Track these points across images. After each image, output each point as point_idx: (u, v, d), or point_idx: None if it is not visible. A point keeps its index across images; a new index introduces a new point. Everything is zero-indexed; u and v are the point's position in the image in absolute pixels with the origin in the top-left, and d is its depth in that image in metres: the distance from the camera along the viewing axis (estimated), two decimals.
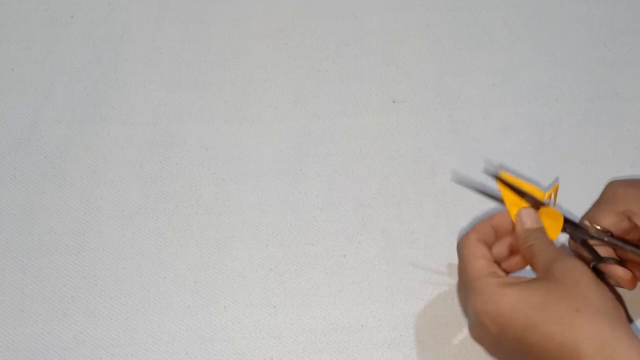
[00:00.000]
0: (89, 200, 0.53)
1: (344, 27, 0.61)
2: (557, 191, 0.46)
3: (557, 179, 0.55)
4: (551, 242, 0.43)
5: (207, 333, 0.50)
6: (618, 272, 0.45)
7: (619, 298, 0.42)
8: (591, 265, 0.45)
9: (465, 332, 0.50)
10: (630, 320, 0.50)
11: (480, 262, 0.42)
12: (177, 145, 0.56)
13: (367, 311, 0.51)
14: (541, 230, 0.44)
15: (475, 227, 0.45)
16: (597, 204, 0.47)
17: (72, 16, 0.61)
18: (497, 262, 0.44)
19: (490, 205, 0.54)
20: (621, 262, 0.46)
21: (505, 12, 0.62)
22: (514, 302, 0.38)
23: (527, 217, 0.44)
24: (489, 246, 0.45)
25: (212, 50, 0.60)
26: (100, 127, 0.56)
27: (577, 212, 0.54)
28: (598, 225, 0.46)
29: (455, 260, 0.46)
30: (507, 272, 0.43)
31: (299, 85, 0.59)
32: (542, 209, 0.45)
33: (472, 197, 0.54)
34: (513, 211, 0.45)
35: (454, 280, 0.51)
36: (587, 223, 0.46)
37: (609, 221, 0.45)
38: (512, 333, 0.39)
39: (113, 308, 0.50)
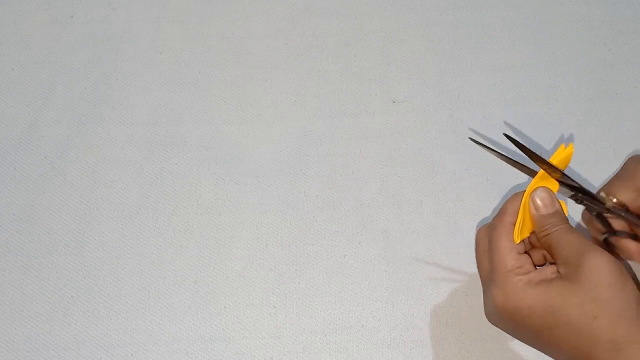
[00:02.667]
0: (89, 200, 0.53)
1: (344, 27, 0.61)
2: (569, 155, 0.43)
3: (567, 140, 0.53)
4: (571, 230, 0.40)
5: (207, 333, 0.50)
6: (631, 246, 0.44)
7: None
8: (603, 238, 0.45)
9: (465, 332, 0.50)
10: None
11: (511, 254, 0.40)
12: (177, 145, 0.56)
13: (367, 311, 0.51)
14: (559, 215, 0.41)
15: (508, 209, 0.42)
16: (617, 178, 0.45)
17: (72, 16, 0.61)
18: (528, 252, 0.42)
19: (494, 203, 0.54)
20: (634, 237, 0.45)
21: (505, 12, 0.62)
22: (533, 304, 0.38)
23: (542, 201, 0.41)
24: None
25: (212, 50, 0.60)
26: (100, 127, 0.56)
27: (576, 211, 0.54)
28: (615, 198, 0.44)
29: (455, 261, 0.46)
30: (536, 264, 0.42)
31: (299, 85, 0.59)
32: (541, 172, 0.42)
33: (472, 197, 0.54)
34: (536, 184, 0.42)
35: (454, 280, 0.51)
36: (603, 195, 0.44)
37: (627, 196, 0.43)
38: (527, 330, 0.39)
39: (113, 308, 0.50)
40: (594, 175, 0.55)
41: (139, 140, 0.56)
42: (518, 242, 0.41)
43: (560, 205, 0.42)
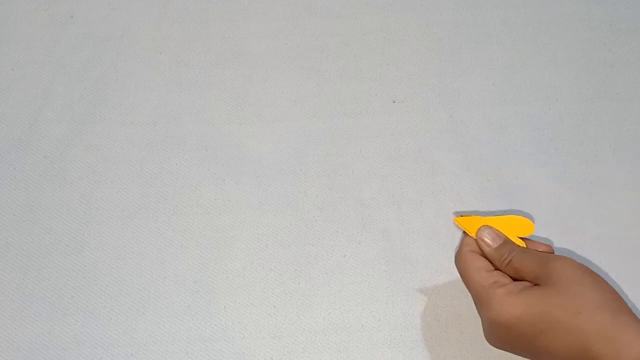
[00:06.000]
0: (88, 200, 0.53)
1: (344, 27, 0.61)
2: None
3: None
4: (527, 249, 0.44)
5: (207, 333, 0.50)
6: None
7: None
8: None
9: (465, 331, 0.50)
10: None
11: (481, 274, 0.43)
12: (177, 145, 0.56)
13: (367, 311, 0.51)
14: (509, 242, 0.45)
15: (464, 241, 0.46)
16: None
17: (72, 16, 0.61)
18: (497, 268, 0.44)
19: (494, 203, 0.54)
20: None
21: (505, 12, 0.62)
22: (521, 313, 0.39)
23: (489, 237, 0.45)
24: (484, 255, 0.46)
25: (212, 50, 0.60)
26: (100, 127, 0.56)
27: (576, 212, 0.54)
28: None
29: (453, 263, 0.46)
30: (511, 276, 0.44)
31: (299, 85, 0.59)
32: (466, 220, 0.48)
33: (472, 196, 0.54)
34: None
35: (454, 280, 0.51)
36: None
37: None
38: (523, 340, 0.40)
39: (113, 308, 0.50)
40: (594, 175, 0.55)
41: (139, 140, 0.56)
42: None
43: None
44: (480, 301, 0.42)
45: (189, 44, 0.60)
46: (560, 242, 0.53)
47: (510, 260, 0.43)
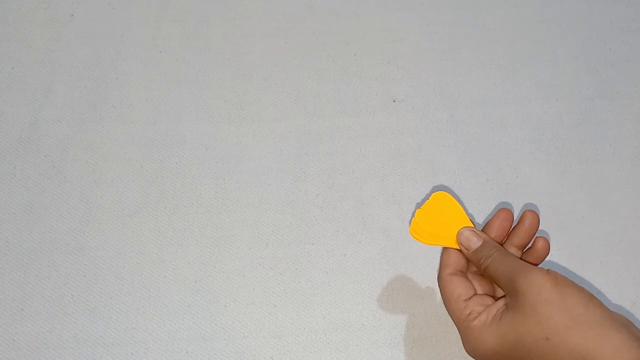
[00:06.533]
0: (89, 199, 0.53)
1: (344, 26, 0.61)
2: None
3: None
4: (504, 255, 0.41)
5: (208, 332, 0.50)
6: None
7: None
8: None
9: None
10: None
11: (458, 304, 0.41)
12: (177, 144, 0.56)
13: (367, 310, 0.51)
14: (489, 245, 0.42)
15: (443, 262, 0.44)
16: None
17: (72, 15, 0.61)
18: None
19: (494, 203, 0.54)
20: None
21: (505, 11, 0.62)
22: (494, 346, 0.38)
23: (468, 240, 0.43)
24: (465, 271, 0.44)
25: (212, 49, 0.60)
26: (100, 126, 0.56)
27: (576, 211, 0.54)
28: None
29: None
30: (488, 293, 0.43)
31: (299, 84, 0.59)
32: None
33: (472, 197, 0.54)
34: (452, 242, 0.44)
35: None
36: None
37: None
38: None
39: (113, 307, 0.50)
40: (595, 174, 0.55)
41: (139, 139, 0.56)
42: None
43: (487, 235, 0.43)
44: (459, 331, 0.42)
45: (189, 43, 0.60)
46: (560, 241, 0.53)
47: (486, 267, 0.41)
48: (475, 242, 0.43)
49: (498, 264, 0.41)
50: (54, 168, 0.54)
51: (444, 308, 0.50)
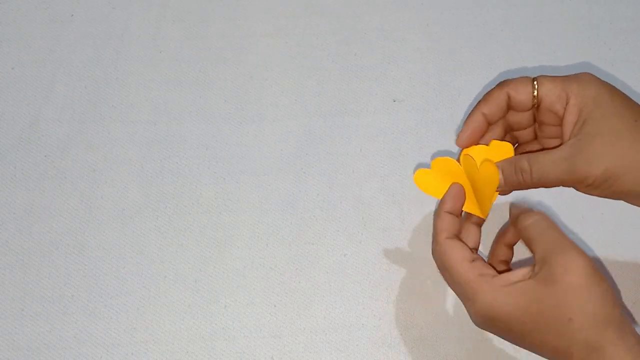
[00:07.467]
0: (89, 199, 0.53)
1: (345, 26, 0.61)
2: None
3: None
4: (549, 224, 0.40)
5: (208, 332, 0.50)
6: None
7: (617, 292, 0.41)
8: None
9: (466, 330, 0.50)
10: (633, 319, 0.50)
11: (464, 265, 0.40)
12: (177, 144, 0.56)
13: (367, 310, 0.51)
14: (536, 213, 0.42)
15: (438, 227, 0.43)
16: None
17: (72, 15, 0.61)
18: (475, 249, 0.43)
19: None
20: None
21: (505, 11, 0.62)
22: (511, 310, 0.38)
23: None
24: (460, 236, 0.43)
25: (213, 49, 0.60)
26: (100, 126, 0.56)
27: (576, 211, 0.54)
28: (538, 89, 0.44)
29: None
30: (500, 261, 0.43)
31: (299, 84, 0.59)
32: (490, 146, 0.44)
33: None
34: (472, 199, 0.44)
35: None
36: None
37: (549, 91, 0.43)
38: (511, 334, 0.40)
39: (113, 307, 0.50)
40: None
41: (139, 139, 0.56)
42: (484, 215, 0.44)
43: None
44: (465, 295, 0.40)
45: (189, 43, 0.60)
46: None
47: (526, 227, 0.40)
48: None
49: (541, 229, 0.40)
50: (54, 168, 0.54)
51: (445, 308, 0.50)
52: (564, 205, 0.54)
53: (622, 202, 0.54)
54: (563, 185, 0.42)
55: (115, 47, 0.60)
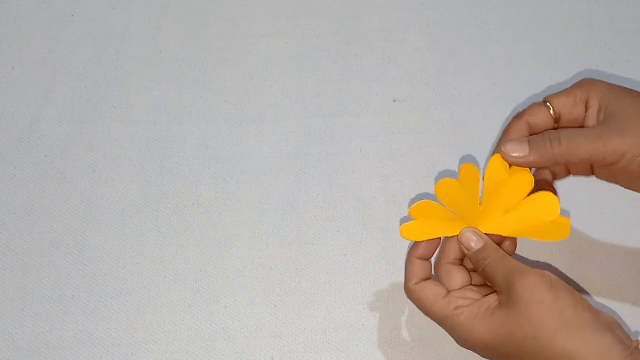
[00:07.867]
0: (89, 199, 0.53)
1: (345, 26, 0.61)
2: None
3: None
4: (502, 257, 0.42)
5: (208, 332, 0.50)
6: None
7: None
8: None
9: None
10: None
11: (438, 303, 0.42)
12: (177, 144, 0.56)
13: (367, 310, 0.51)
14: (488, 247, 0.43)
15: (408, 273, 0.44)
16: (562, 91, 0.45)
17: (72, 15, 0.61)
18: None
19: None
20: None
21: (505, 11, 0.62)
22: (486, 337, 0.40)
23: (470, 240, 0.43)
24: (430, 277, 0.44)
25: (213, 49, 0.60)
26: (100, 126, 0.56)
27: (576, 211, 0.54)
28: (552, 105, 0.44)
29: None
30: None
31: (299, 84, 0.59)
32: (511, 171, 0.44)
33: None
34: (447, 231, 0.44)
35: None
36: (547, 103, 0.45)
37: (562, 102, 0.44)
38: (495, 357, 0.41)
39: (113, 307, 0.50)
40: None
41: (139, 139, 0.56)
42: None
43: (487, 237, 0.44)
44: (445, 327, 0.42)
45: (189, 43, 0.60)
46: (560, 241, 0.53)
47: (483, 268, 0.42)
48: (477, 243, 0.43)
49: (496, 264, 0.41)
50: (54, 168, 0.54)
51: None
52: (564, 205, 0.54)
53: (621, 201, 0.54)
54: (588, 162, 0.43)
55: (115, 47, 0.60)
